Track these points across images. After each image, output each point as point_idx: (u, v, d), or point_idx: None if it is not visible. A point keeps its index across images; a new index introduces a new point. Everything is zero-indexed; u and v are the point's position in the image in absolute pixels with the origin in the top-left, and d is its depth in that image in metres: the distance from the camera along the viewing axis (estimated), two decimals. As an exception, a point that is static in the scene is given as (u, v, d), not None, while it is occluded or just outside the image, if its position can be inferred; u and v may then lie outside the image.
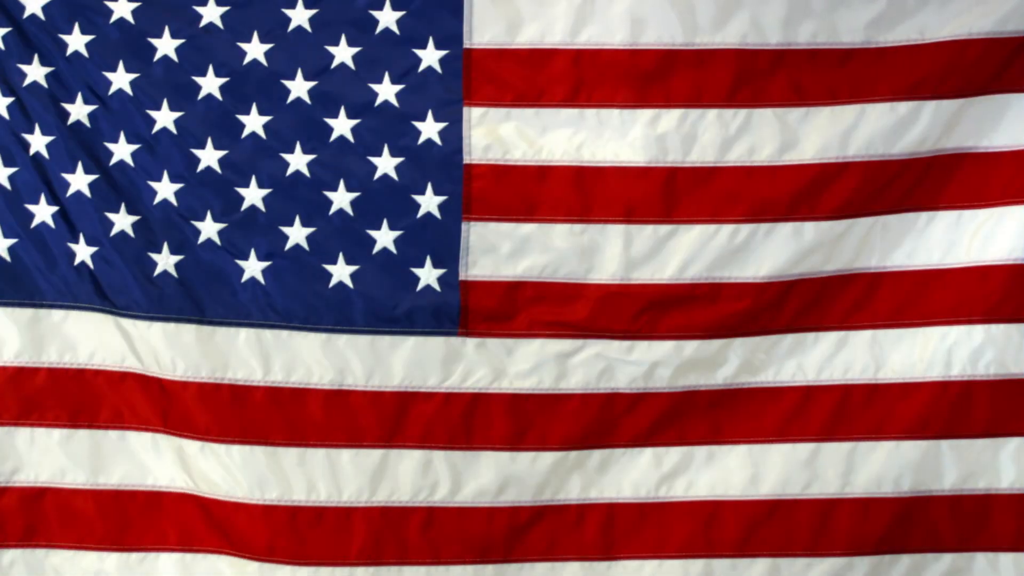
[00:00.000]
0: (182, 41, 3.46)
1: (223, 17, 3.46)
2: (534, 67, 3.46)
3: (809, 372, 3.53)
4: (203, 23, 3.46)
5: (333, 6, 3.46)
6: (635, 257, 3.47)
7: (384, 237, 3.49)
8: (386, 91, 3.47)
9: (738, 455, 3.54)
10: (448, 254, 3.48)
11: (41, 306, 3.52)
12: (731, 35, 3.43)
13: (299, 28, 3.47)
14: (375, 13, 3.46)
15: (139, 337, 3.49)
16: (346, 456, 3.50)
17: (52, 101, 3.48)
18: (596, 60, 3.45)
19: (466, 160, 3.47)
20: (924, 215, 3.49)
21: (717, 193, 3.46)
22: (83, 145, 3.49)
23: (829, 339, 3.52)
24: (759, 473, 3.53)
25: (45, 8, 3.45)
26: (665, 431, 3.53)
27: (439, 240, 3.48)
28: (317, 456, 3.50)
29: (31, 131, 3.49)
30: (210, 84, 3.47)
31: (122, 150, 3.49)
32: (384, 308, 3.49)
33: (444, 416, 3.51)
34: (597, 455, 3.54)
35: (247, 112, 3.47)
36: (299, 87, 3.47)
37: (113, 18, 3.46)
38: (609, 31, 3.44)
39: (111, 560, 3.56)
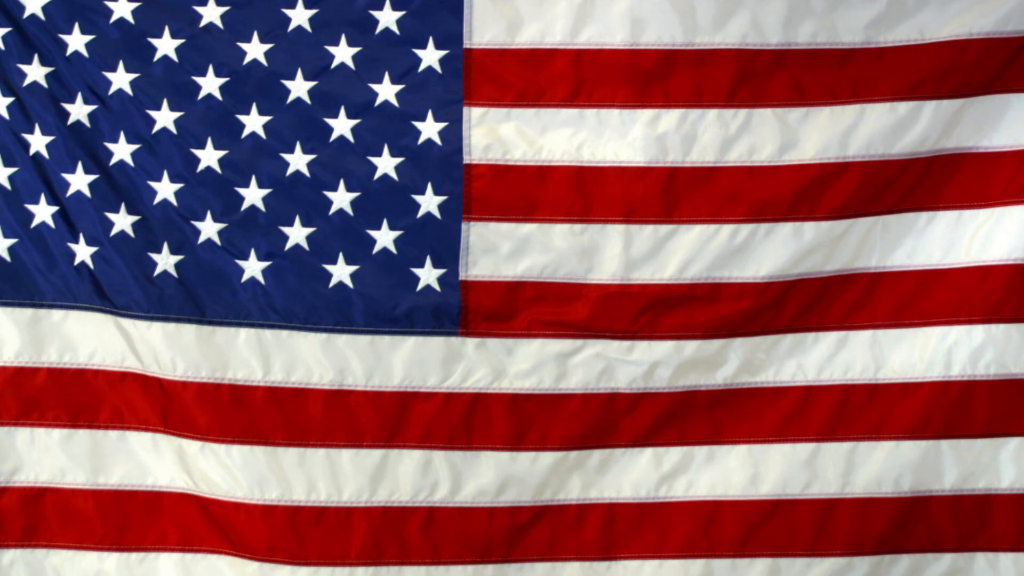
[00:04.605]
0: (182, 41, 3.46)
1: (223, 17, 3.46)
2: (534, 67, 3.46)
3: (809, 372, 3.53)
4: (203, 23, 3.46)
5: (333, 6, 3.46)
6: (635, 257, 3.47)
7: (384, 237, 3.49)
8: (386, 91, 3.47)
9: (738, 455, 3.54)
10: (448, 254, 3.48)
11: (41, 306, 3.52)
12: (731, 35, 3.43)
13: (299, 28, 3.47)
14: (375, 13, 3.46)
15: (139, 337, 3.49)
16: (346, 456, 3.50)
17: (52, 101, 3.48)
18: (596, 60, 3.45)
19: (466, 160, 3.47)
20: (924, 215, 3.49)
21: (717, 193, 3.46)
22: (83, 145, 3.49)
23: (829, 339, 3.52)
24: (759, 473, 3.53)
25: (45, 8, 3.44)
26: (665, 431, 3.53)
27: (439, 240, 3.48)
28: (317, 456, 3.50)
29: (31, 131, 3.49)
30: (210, 84, 3.47)
31: (122, 150, 3.49)
32: (384, 308, 3.49)
33: (444, 416, 3.51)
34: (597, 455, 3.54)
35: (247, 112, 3.47)
36: (299, 87, 3.47)
37: (113, 18, 3.46)
38: (609, 31, 3.44)
39: (111, 560, 3.56)
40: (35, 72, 3.47)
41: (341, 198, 3.49)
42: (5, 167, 3.51)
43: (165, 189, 3.48)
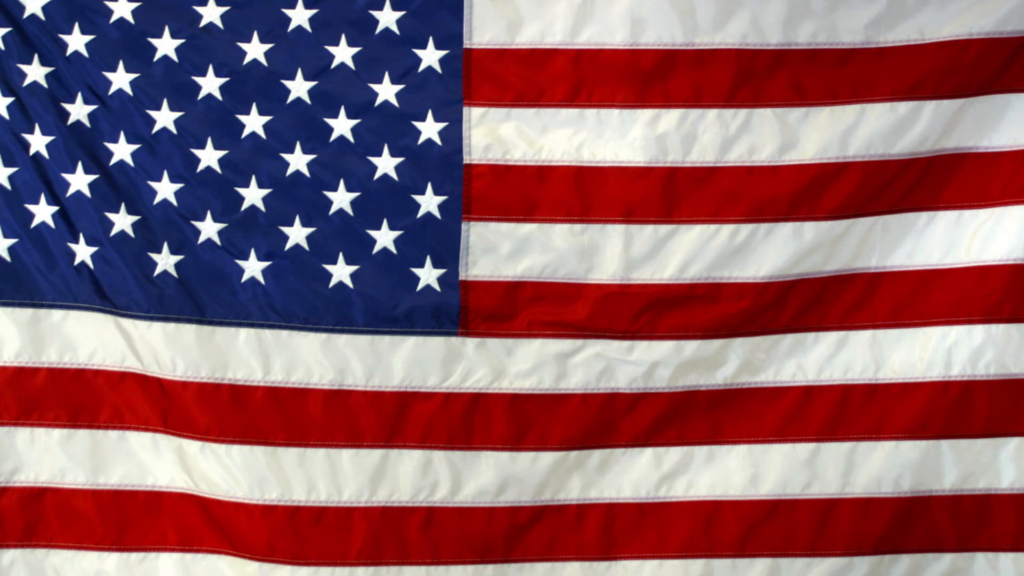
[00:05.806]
0: (182, 41, 3.46)
1: (223, 17, 3.46)
2: (534, 67, 3.46)
3: (809, 372, 3.53)
4: (203, 23, 3.46)
5: (333, 6, 3.46)
6: (635, 257, 3.47)
7: (384, 237, 3.49)
8: (386, 91, 3.47)
9: (738, 455, 3.54)
10: (448, 254, 3.49)
11: (41, 306, 3.52)
12: (731, 35, 3.43)
13: (299, 28, 3.47)
14: (375, 13, 3.46)
15: (139, 337, 3.49)
16: (346, 456, 3.50)
17: (52, 101, 3.48)
18: (596, 60, 3.45)
19: (466, 160, 3.47)
20: (924, 215, 3.49)
21: (717, 193, 3.46)
22: (83, 145, 3.49)
23: (829, 339, 3.52)
24: (759, 473, 3.53)
25: (45, 8, 3.45)
26: (665, 431, 3.53)
27: (439, 240, 3.48)
28: (317, 456, 3.50)
29: (31, 131, 3.49)
30: (210, 84, 3.47)
31: (122, 150, 3.49)
32: (384, 308, 3.49)
33: (444, 416, 3.51)
34: (597, 455, 3.54)
35: (247, 112, 3.48)
36: (299, 87, 3.47)
37: (113, 18, 3.46)
38: (609, 31, 3.44)
39: (111, 560, 3.56)
40: (35, 72, 3.47)
41: (341, 198, 3.49)
42: (5, 167, 3.51)
43: (165, 189, 3.48)
